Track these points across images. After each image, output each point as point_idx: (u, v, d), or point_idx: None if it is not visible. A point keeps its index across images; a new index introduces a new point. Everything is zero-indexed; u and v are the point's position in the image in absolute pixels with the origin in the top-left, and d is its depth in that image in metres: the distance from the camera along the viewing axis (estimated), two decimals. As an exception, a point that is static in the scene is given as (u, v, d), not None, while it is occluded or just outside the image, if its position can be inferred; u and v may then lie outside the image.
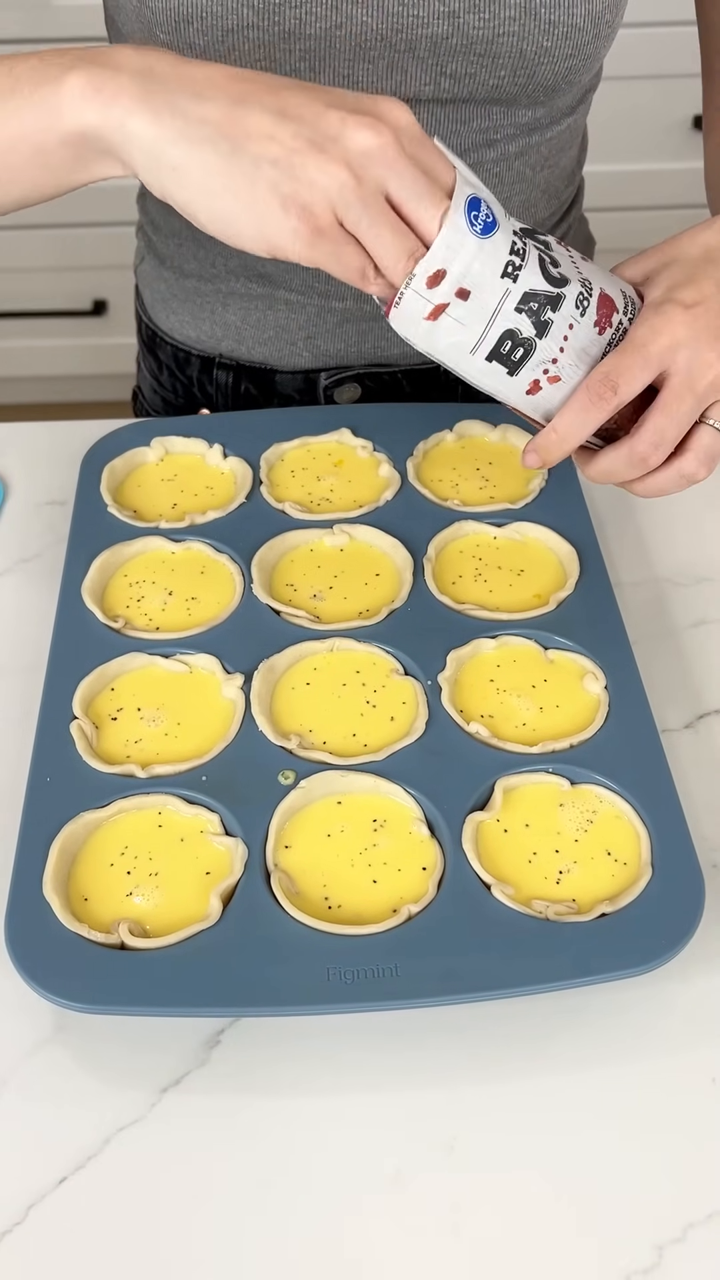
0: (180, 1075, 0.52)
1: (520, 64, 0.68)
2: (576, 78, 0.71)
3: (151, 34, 0.67)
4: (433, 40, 0.67)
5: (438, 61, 0.68)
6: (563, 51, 0.68)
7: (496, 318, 0.52)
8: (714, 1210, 0.48)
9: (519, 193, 0.78)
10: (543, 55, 0.68)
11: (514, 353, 0.53)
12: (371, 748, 0.60)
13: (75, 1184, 0.49)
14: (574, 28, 0.68)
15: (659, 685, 0.66)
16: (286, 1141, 0.50)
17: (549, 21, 0.67)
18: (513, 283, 0.52)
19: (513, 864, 0.55)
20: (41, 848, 0.55)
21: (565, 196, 0.84)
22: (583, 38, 0.68)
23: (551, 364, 0.54)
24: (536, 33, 0.67)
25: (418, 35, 0.67)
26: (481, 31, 0.67)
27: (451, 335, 0.53)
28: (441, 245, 0.51)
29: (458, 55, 0.68)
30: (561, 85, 0.71)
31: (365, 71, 0.68)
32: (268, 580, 0.68)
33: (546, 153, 0.77)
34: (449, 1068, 0.52)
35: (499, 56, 0.68)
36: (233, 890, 0.54)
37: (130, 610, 0.67)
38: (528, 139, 0.75)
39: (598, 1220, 0.48)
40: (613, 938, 0.52)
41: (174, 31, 0.66)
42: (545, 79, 0.70)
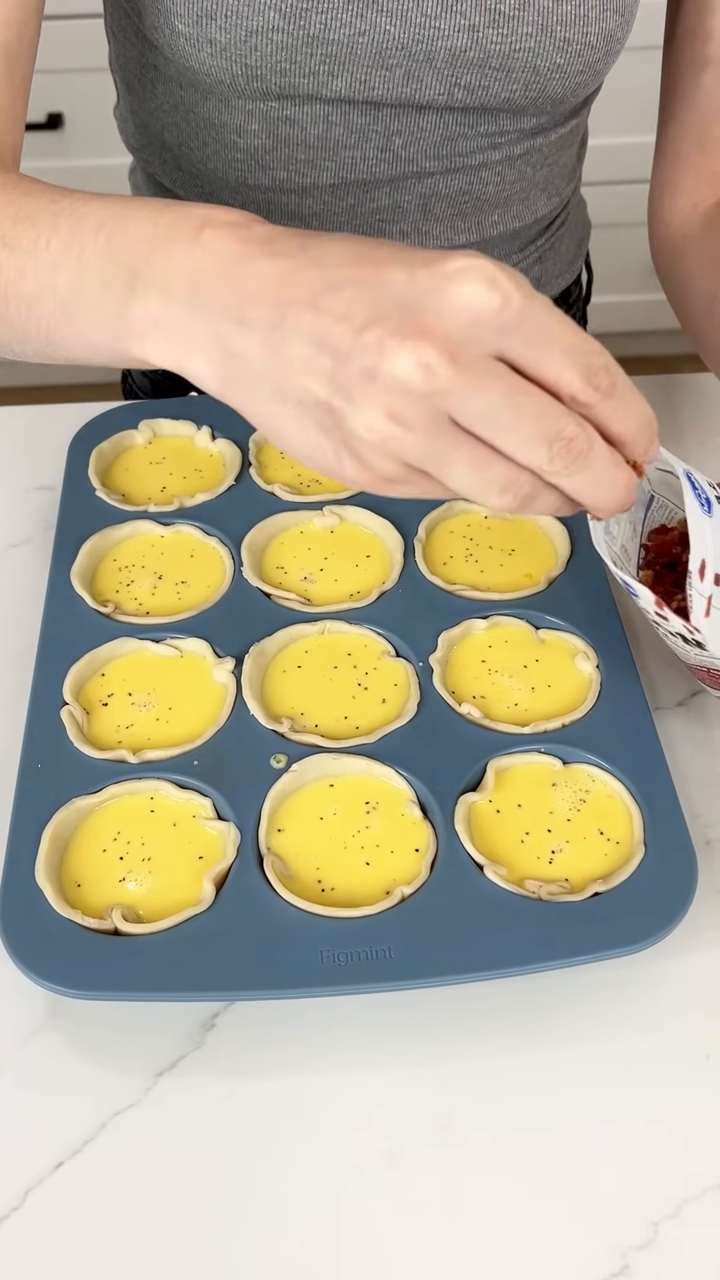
0: (175, 1059, 0.52)
1: (533, 79, 0.68)
2: (583, 91, 0.72)
3: (170, 24, 0.66)
4: (451, 52, 0.67)
5: (454, 72, 0.68)
6: (574, 68, 0.68)
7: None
8: (709, 1186, 0.48)
9: (520, 191, 0.77)
10: (555, 71, 0.68)
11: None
12: (363, 730, 0.60)
13: (72, 1169, 0.49)
14: (587, 46, 0.68)
15: (652, 663, 0.66)
16: (282, 1123, 0.50)
17: (564, 39, 0.67)
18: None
19: (505, 844, 0.55)
20: (33, 834, 0.55)
21: (565, 192, 0.84)
22: (594, 55, 0.68)
23: None
24: (551, 50, 0.67)
25: (437, 46, 0.67)
26: (499, 46, 0.66)
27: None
28: (695, 533, 0.47)
29: (474, 68, 0.68)
30: (570, 98, 0.71)
31: (381, 78, 0.68)
32: (258, 563, 0.68)
33: (548, 153, 0.77)
34: (443, 1047, 0.52)
35: (513, 71, 0.68)
36: (226, 874, 0.54)
37: (120, 595, 0.67)
38: (531, 142, 0.75)
39: (593, 1197, 0.48)
40: (606, 917, 0.52)
41: (194, 24, 0.65)
42: (555, 93, 0.70)
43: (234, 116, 0.71)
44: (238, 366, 0.43)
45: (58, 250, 0.49)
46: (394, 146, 0.72)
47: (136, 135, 0.79)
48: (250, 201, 0.75)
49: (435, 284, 0.40)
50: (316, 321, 0.41)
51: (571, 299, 0.93)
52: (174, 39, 0.67)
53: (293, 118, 0.70)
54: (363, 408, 0.40)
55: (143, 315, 0.46)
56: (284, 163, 0.72)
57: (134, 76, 0.75)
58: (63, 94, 1.80)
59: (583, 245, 0.92)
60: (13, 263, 0.51)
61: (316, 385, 0.41)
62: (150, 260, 0.46)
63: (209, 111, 0.71)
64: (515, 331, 0.40)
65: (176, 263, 0.45)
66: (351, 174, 0.73)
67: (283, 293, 0.42)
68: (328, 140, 0.71)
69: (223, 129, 0.71)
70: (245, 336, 0.43)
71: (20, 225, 0.51)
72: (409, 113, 0.70)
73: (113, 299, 0.47)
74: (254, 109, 0.70)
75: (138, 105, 0.77)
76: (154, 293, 0.46)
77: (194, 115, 0.72)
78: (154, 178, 0.80)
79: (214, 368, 0.44)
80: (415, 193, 0.74)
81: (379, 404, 0.40)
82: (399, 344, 0.39)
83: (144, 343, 0.46)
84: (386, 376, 0.39)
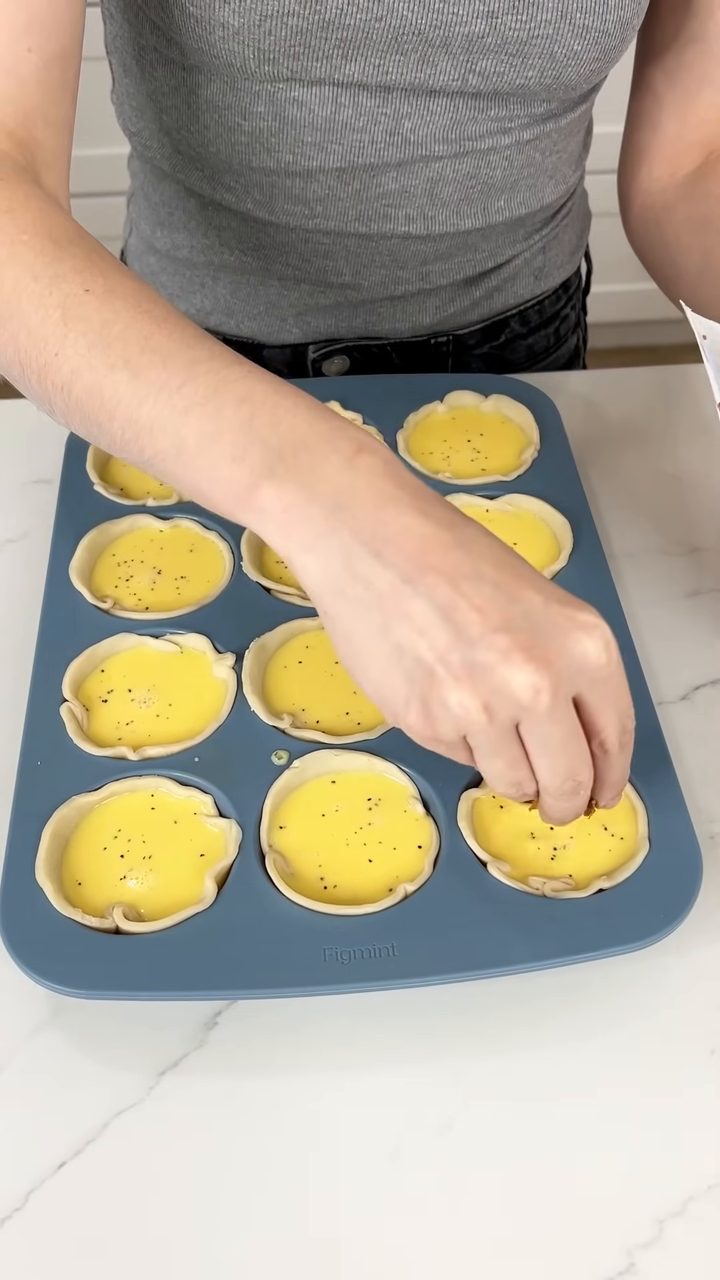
0: (178, 1058, 0.52)
1: (549, 65, 0.68)
2: (597, 78, 0.71)
3: (180, 6, 0.65)
4: (468, 38, 0.66)
5: (469, 58, 0.67)
6: (590, 55, 0.68)
7: None
8: (714, 1183, 0.48)
9: (527, 177, 0.77)
10: (571, 58, 0.68)
11: None
12: (365, 726, 0.59)
13: (75, 1168, 0.49)
14: (604, 33, 0.67)
15: (654, 657, 0.66)
16: (285, 1121, 0.50)
17: (582, 26, 0.66)
18: None
19: (509, 841, 0.55)
20: (34, 832, 0.55)
21: (571, 180, 0.83)
22: (610, 42, 0.68)
23: None
24: (569, 36, 0.66)
25: (454, 32, 0.66)
26: (516, 33, 0.66)
27: None
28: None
29: (490, 54, 0.67)
30: (582, 85, 0.71)
31: (396, 63, 0.67)
32: (258, 557, 0.68)
33: (557, 139, 0.76)
34: (447, 1045, 0.52)
35: (529, 57, 0.67)
36: (227, 872, 0.54)
37: (119, 590, 0.66)
38: (541, 127, 0.74)
39: (598, 1194, 0.48)
40: (610, 914, 0.52)
41: (206, 7, 0.64)
42: (569, 79, 0.69)
43: (239, 98, 0.70)
44: (356, 588, 0.46)
45: (190, 400, 0.49)
46: (403, 130, 0.71)
47: (134, 118, 0.78)
48: (253, 185, 0.74)
49: (566, 626, 0.45)
50: (452, 599, 0.45)
51: (571, 289, 0.93)
52: (184, 20, 0.66)
53: (301, 100, 0.69)
54: (464, 689, 0.44)
55: (275, 498, 0.47)
56: (289, 145, 0.71)
57: (132, 58, 0.74)
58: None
59: (583, 236, 0.92)
60: (132, 389, 0.50)
61: (427, 648, 0.45)
62: (299, 455, 0.47)
63: (213, 93, 0.70)
64: (604, 685, 0.46)
65: (326, 471, 0.47)
66: (358, 158, 0.72)
67: (426, 557, 0.45)
68: (335, 123, 0.70)
69: (226, 111, 0.71)
70: (375, 569, 0.45)
71: (149, 356, 0.50)
72: (420, 97, 0.69)
73: (243, 470, 0.47)
74: (260, 91, 0.69)
75: (135, 88, 0.76)
76: (294, 484, 0.47)
77: (196, 97, 0.71)
78: (153, 162, 0.79)
79: (331, 576, 0.46)
80: (422, 177, 0.73)
81: (480, 694, 0.44)
82: (525, 661, 0.44)
83: (264, 519, 0.47)
84: (501, 680, 0.44)
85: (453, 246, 0.78)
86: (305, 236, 0.77)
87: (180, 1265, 0.46)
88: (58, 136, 0.62)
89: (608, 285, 1.12)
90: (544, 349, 0.92)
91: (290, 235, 0.77)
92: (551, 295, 0.89)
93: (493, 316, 0.86)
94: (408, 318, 0.83)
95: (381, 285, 0.80)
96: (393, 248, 0.77)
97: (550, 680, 0.44)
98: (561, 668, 0.45)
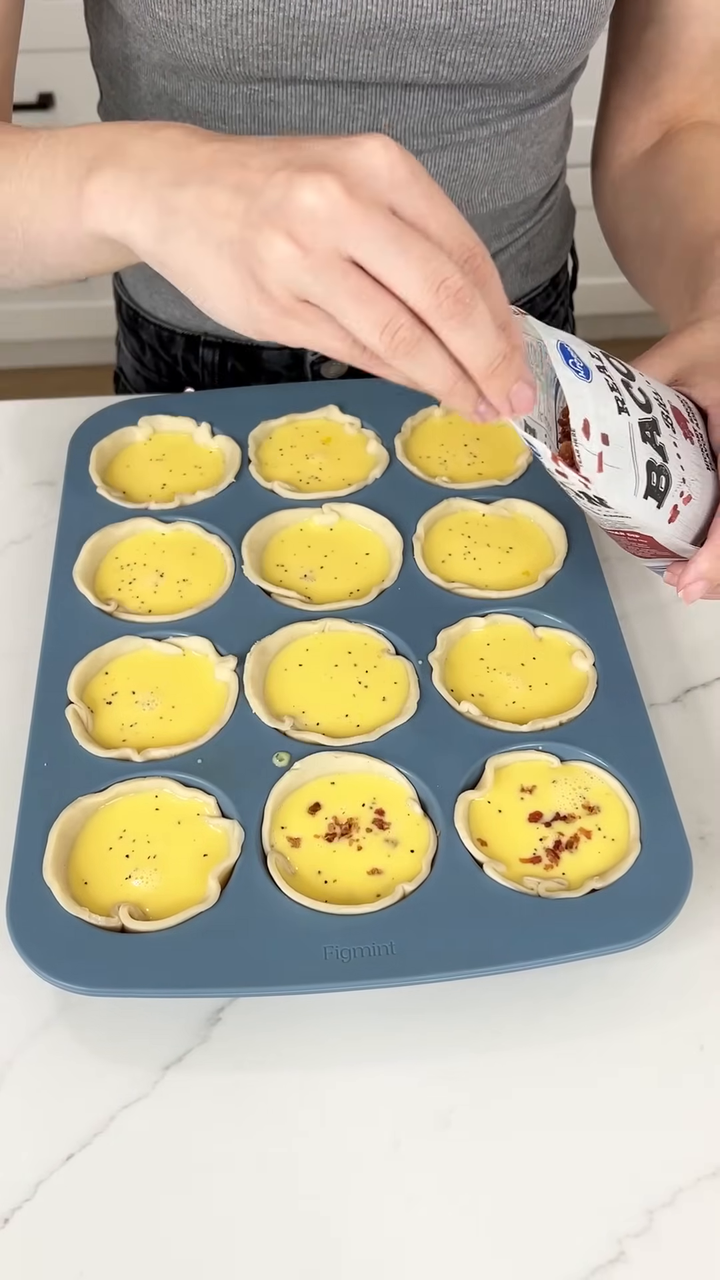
0: (182, 1053, 0.53)
1: (518, 53, 0.68)
2: (569, 65, 0.72)
3: (150, 12, 0.66)
4: (434, 30, 0.67)
5: (438, 50, 0.68)
6: (560, 42, 0.69)
7: (635, 454, 0.51)
8: (702, 1175, 0.50)
9: (509, 168, 0.78)
10: (540, 45, 0.68)
11: (660, 483, 0.52)
12: (364, 728, 0.60)
13: (82, 1161, 0.50)
14: (572, 19, 0.68)
15: (647, 659, 0.67)
16: (287, 1116, 0.51)
17: (548, 13, 0.67)
18: (628, 416, 0.51)
19: (504, 842, 0.56)
20: (40, 833, 0.56)
21: (554, 171, 0.84)
22: (579, 28, 0.69)
23: (682, 484, 0.53)
24: (536, 24, 0.67)
25: (420, 24, 0.67)
26: (483, 23, 0.67)
27: (616, 482, 0.51)
28: (571, 396, 0.49)
29: (458, 44, 0.68)
30: (555, 72, 0.71)
31: (365, 58, 0.68)
32: (258, 561, 0.69)
33: (536, 129, 0.77)
34: (445, 1042, 0.53)
35: (498, 46, 0.68)
36: (230, 872, 0.55)
37: (122, 593, 0.67)
38: (519, 118, 0.75)
39: (591, 1186, 0.49)
40: (603, 913, 0.53)
41: (174, 10, 0.66)
42: (541, 67, 0.70)
43: (217, 102, 0.71)
44: (170, 220, 0.49)
45: (34, 161, 0.56)
46: (380, 125, 0.72)
47: None
48: None
49: (340, 144, 0.46)
50: (241, 175, 0.47)
51: (560, 286, 0.94)
52: (155, 26, 0.67)
53: (277, 100, 0.70)
54: (267, 233, 0.45)
55: (97, 189, 0.52)
56: None
57: (117, 69, 0.75)
58: (53, 74, 1.78)
59: (568, 232, 0.93)
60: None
61: (233, 223, 0.47)
62: (111, 149, 0.53)
63: (192, 99, 0.71)
64: (406, 189, 0.45)
65: (132, 149, 0.52)
66: None
67: (216, 160, 0.49)
68: (313, 121, 0.71)
69: (206, 116, 0.72)
70: (181, 193, 0.49)
71: (3, 152, 0.58)
72: (395, 91, 0.70)
73: (73, 184, 0.54)
74: (237, 93, 0.70)
75: (121, 98, 0.77)
76: (109, 169, 0.52)
77: (177, 104, 0.72)
78: None
79: (150, 226, 0.50)
80: None
81: (281, 229, 0.45)
82: (303, 177, 0.45)
83: (96, 211, 0.52)
84: (290, 204, 0.45)
85: None
86: None
87: (183, 1255, 0.48)
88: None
89: (596, 278, 1.13)
90: (536, 347, 0.93)
91: None
92: (542, 292, 0.91)
93: None
94: None
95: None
96: None
97: (335, 180, 0.44)
98: (348, 171, 0.44)
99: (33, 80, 1.80)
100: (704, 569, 0.53)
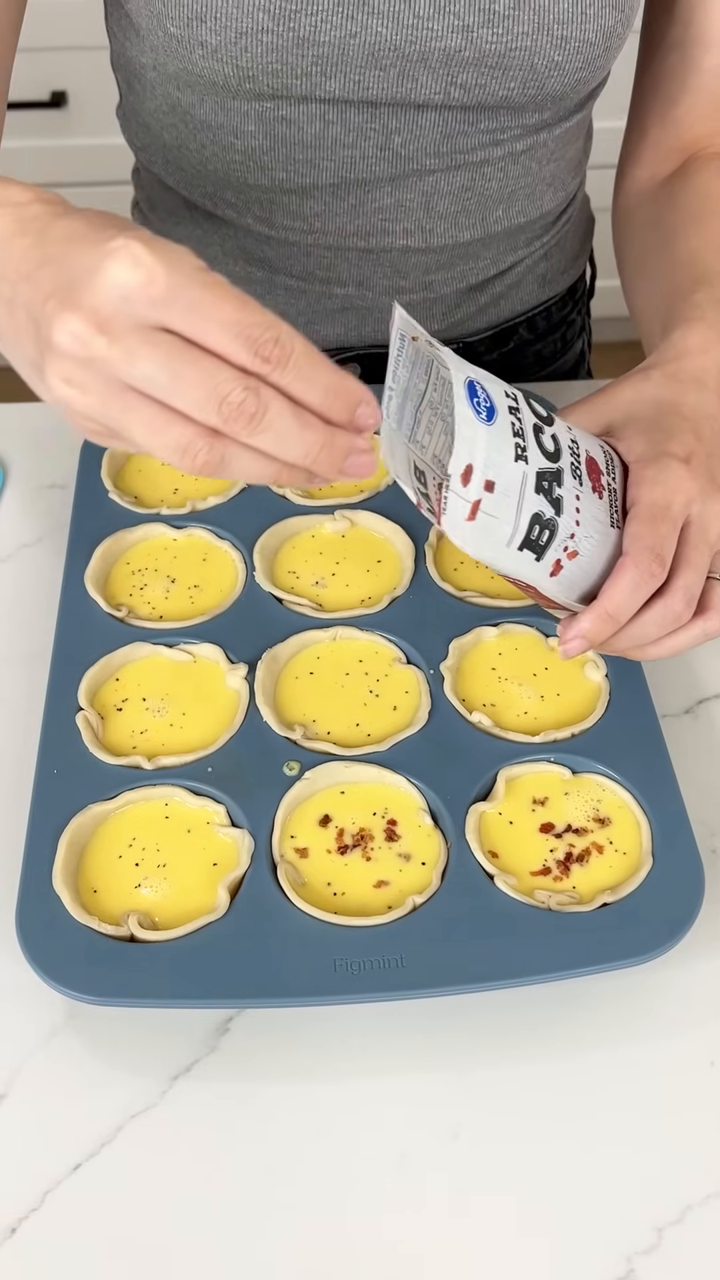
0: (191, 1062, 0.53)
1: (530, 76, 0.68)
2: (584, 88, 0.71)
3: (163, 26, 0.66)
4: (445, 52, 0.67)
5: (449, 72, 0.68)
6: (573, 65, 0.68)
7: (522, 505, 0.50)
8: (712, 1192, 0.49)
9: (525, 186, 0.77)
10: (553, 68, 0.68)
11: (540, 536, 0.51)
12: (375, 738, 0.60)
13: (90, 1169, 0.50)
14: (586, 43, 0.67)
15: (659, 670, 0.67)
16: (295, 1127, 0.51)
17: (561, 37, 0.67)
18: (525, 464, 0.49)
19: (515, 855, 0.56)
20: (50, 840, 0.56)
21: (571, 186, 0.84)
22: (593, 51, 0.68)
23: (570, 539, 0.52)
24: (549, 47, 0.67)
25: (431, 47, 0.66)
26: (494, 46, 0.66)
27: (489, 532, 0.50)
28: (461, 438, 0.47)
29: (469, 67, 0.67)
30: (570, 95, 0.71)
31: (376, 79, 0.68)
32: (270, 567, 0.69)
33: (554, 148, 0.77)
34: (454, 1054, 0.53)
35: (510, 69, 0.68)
36: (240, 881, 0.55)
37: (133, 599, 0.67)
38: (534, 137, 0.75)
39: (600, 1202, 0.49)
40: (614, 928, 0.53)
41: (185, 26, 0.66)
42: (554, 90, 0.69)
43: (230, 118, 0.71)
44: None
45: None
46: (393, 145, 0.72)
47: (139, 135, 0.79)
48: (253, 201, 0.75)
49: (94, 262, 0.43)
50: (30, 293, 0.45)
51: (578, 295, 0.94)
52: (167, 40, 0.67)
53: (289, 117, 0.70)
54: (48, 372, 0.44)
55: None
56: (283, 163, 0.72)
57: (134, 76, 0.75)
58: (66, 72, 1.78)
59: (586, 242, 0.92)
60: None
61: (31, 348, 0.45)
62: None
63: (206, 113, 0.71)
64: (168, 305, 0.42)
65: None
66: (351, 173, 0.73)
67: (19, 267, 0.46)
68: (325, 139, 0.71)
69: (220, 130, 0.72)
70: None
71: None
72: (407, 111, 0.70)
73: None
74: (250, 109, 0.70)
75: (139, 105, 0.77)
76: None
77: (191, 117, 0.72)
78: (158, 178, 0.80)
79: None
80: (417, 191, 0.74)
81: (58, 370, 0.44)
82: (56, 316, 0.43)
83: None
84: (54, 345, 0.43)
85: (453, 257, 0.79)
86: (306, 250, 0.78)
87: (191, 1265, 0.48)
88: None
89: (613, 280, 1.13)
90: (551, 354, 0.93)
91: (292, 249, 0.78)
92: (558, 301, 0.90)
93: (501, 323, 0.87)
94: None
95: (386, 294, 0.80)
96: (393, 259, 0.78)
97: (84, 320, 0.42)
98: (98, 304, 0.42)
99: (45, 78, 1.80)
100: (584, 629, 0.52)
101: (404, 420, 0.52)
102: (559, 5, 0.66)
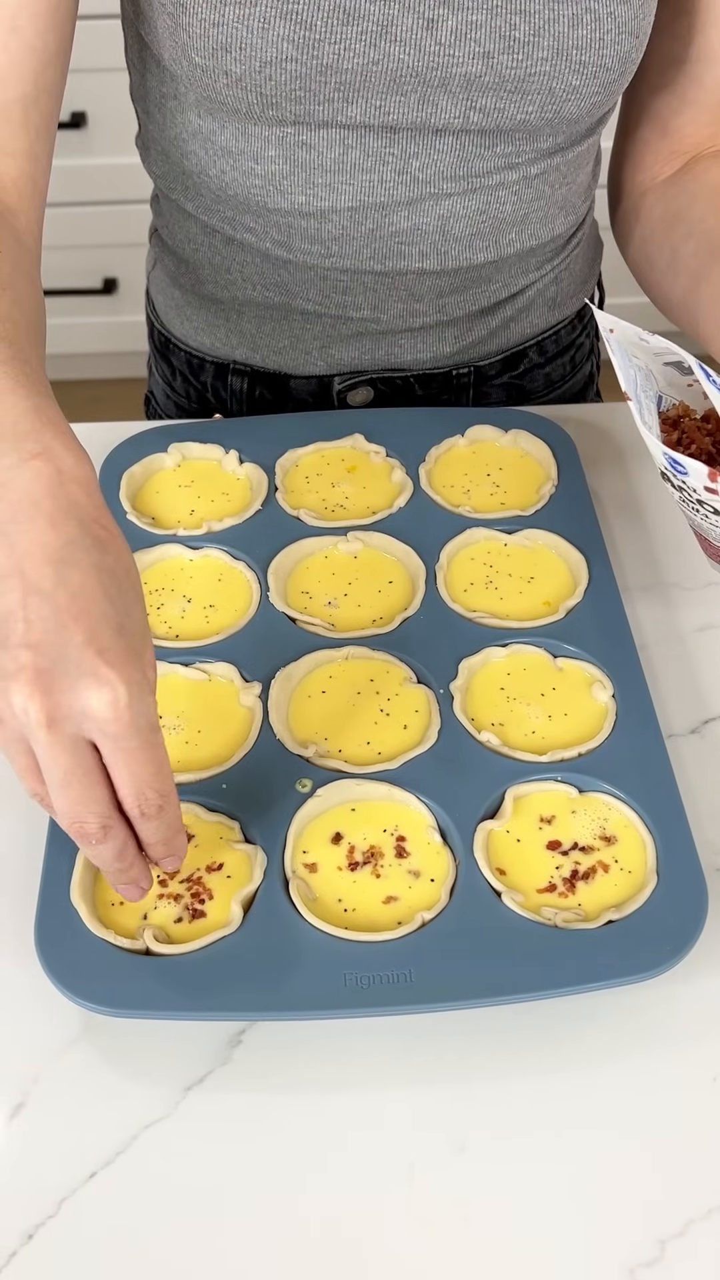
0: (204, 1074, 0.54)
1: (549, 100, 0.70)
2: (599, 111, 0.73)
3: (188, 57, 0.68)
4: (466, 78, 0.68)
5: (469, 97, 0.69)
6: (590, 89, 0.70)
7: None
8: (714, 1206, 0.50)
9: (538, 210, 0.79)
10: (571, 93, 0.70)
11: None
12: (385, 756, 0.62)
13: (105, 1178, 0.51)
14: (603, 68, 0.69)
15: (665, 689, 0.68)
16: (305, 1138, 0.52)
17: (580, 63, 0.68)
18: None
19: (523, 872, 0.57)
20: (68, 855, 0.57)
21: (582, 210, 0.85)
22: (610, 76, 0.70)
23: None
24: (567, 73, 0.69)
25: (451, 73, 0.68)
26: (514, 71, 0.68)
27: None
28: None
29: (489, 92, 0.69)
30: (585, 118, 0.73)
31: (396, 104, 0.70)
32: (283, 587, 0.70)
33: (566, 171, 0.78)
34: (461, 1068, 0.54)
35: (529, 94, 0.69)
36: (253, 897, 0.56)
37: (151, 618, 0.69)
38: (548, 161, 0.76)
39: (603, 1215, 0.50)
40: (619, 945, 0.54)
41: (210, 56, 0.67)
42: (571, 114, 0.71)
43: (251, 143, 0.73)
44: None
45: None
46: (411, 169, 0.73)
47: (159, 161, 0.81)
48: (271, 225, 0.77)
49: (87, 669, 0.46)
50: (14, 607, 0.47)
51: (586, 318, 0.95)
52: (191, 70, 0.69)
53: (309, 143, 0.72)
54: None
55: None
56: (302, 187, 0.74)
57: (155, 106, 0.77)
58: (86, 92, 1.80)
59: (595, 264, 0.94)
60: None
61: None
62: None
63: (227, 139, 0.73)
64: (112, 739, 0.47)
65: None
66: (369, 197, 0.74)
67: (23, 561, 0.47)
68: (345, 164, 0.73)
69: (241, 155, 0.73)
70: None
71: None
72: (425, 136, 0.72)
73: None
74: (271, 135, 0.72)
75: (158, 133, 0.79)
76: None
77: (212, 143, 0.74)
78: (178, 204, 0.82)
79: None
80: (433, 214, 0.76)
81: None
82: (28, 682, 0.46)
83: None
84: (5, 691, 0.46)
85: (467, 280, 0.81)
86: (323, 274, 0.79)
87: (202, 1274, 0.49)
88: (18, 164, 0.68)
89: (620, 299, 1.14)
90: (560, 377, 0.94)
91: (309, 273, 0.79)
92: (567, 325, 0.92)
93: (511, 347, 0.89)
94: (428, 348, 0.85)
95: (400, 318, 0.82)
96: (408, 283, 0.80)
97: (43, 709, 0.45)
98: (63, 704, 0.46)
99: (65, 99, 1.83)
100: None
101: (644, 415, 0.61)
102: (577, 32, 0.68)
